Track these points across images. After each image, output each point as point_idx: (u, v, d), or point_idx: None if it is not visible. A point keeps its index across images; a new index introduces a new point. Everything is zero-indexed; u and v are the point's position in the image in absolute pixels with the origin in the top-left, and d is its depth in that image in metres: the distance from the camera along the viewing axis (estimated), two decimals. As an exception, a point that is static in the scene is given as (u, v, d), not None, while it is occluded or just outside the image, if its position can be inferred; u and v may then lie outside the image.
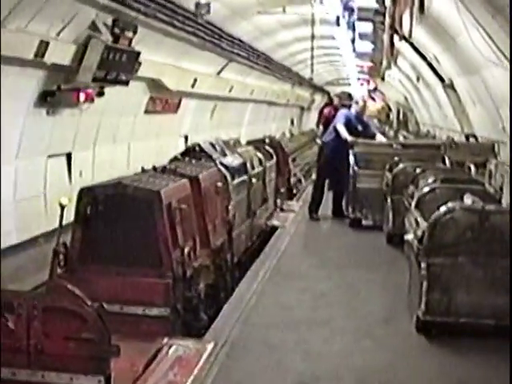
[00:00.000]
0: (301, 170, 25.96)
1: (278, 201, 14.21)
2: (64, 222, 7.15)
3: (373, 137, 13.58)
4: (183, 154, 10.25)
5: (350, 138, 12.67)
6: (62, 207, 6.72)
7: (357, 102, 14.08)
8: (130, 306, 6.84)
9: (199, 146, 10.31)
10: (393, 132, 31.88)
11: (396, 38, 15.37)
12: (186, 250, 7.22)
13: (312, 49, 23.47)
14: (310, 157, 30.22)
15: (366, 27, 18.20)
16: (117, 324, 5.43)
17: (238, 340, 6.74)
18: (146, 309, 6.87)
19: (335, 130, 13.12)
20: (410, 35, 13.01)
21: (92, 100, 13.59)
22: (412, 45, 17.45)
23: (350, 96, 14.81)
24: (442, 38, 14.37)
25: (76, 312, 4.94)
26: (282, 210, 14.14)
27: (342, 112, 13.40)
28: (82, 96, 12.95)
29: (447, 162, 11.74)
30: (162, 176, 7.97)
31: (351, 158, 12.40)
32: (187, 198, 7.80)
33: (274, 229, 12.55)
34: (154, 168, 8.45)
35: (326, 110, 15.58)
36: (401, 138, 23.55)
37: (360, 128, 13.27)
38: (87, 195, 7.10)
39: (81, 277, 6.58)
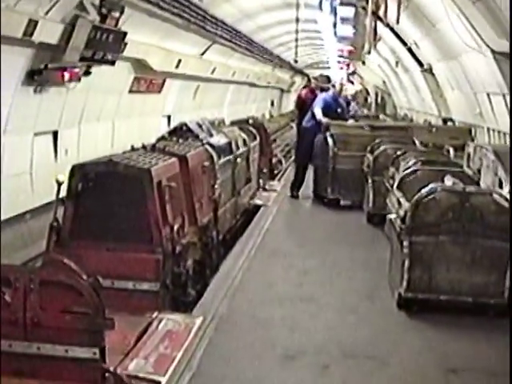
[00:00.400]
0: (281, 150, 25.99)
1: (261, 180, 14.26)
2: (52, 199, 7.16)
3: (345, 120, 13.77)
4: (170, 133, 10.24)
5: (324, 120, 12.86)
6: (59, 184, 6.71)
7: (334, 85, 14.13)
8: (121, 281, 6.86)
9: (186, 125, 10.30)
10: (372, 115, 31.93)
11: (380, 25, 15.39)
12: (176, 227, 7.24)
13: (297, 31, 23.40)
14: (289, 138, 30.24)
15: (347, 11, 18.17)
16: (108, 298, 5.42)
17: (225, 315, 6.80)
18: (136, 284, 6.89)
19: (313, 114, 13.26)
20: (398, 22, 13.01)
21: (79, 79, 13.50)
22: (392, 30, 17.51)
23: (328, 79, 14.91)
24: (423, 23, 14.44)
25: (72, 286, 4.95)
26: (264, 189, 14.19)
27: (321, 96, 13.55)
28: (67, 75, 12.82)
29: (417, 143, 11.83)
30: (152, 154, 7.96)
31: (329, 140, 12.48)
32: (176, 176, 7.81)
33: (257, 208, 12.61)
34: (144, 146, 8.44)
35: (302, 92, 15.62)
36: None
37: (339, 110, 13.46)
38: (79, 172, 7.09)
39: (72, 252, 6.56)
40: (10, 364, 4.96)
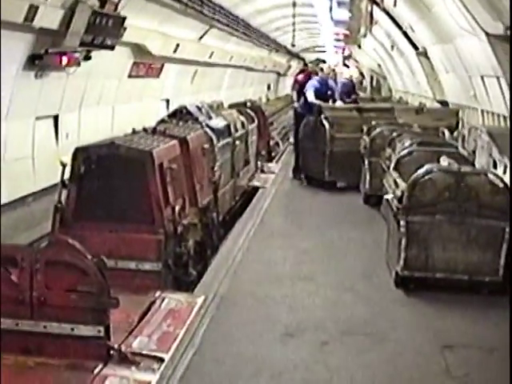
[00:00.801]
0: (278, 133, 25.97)
1: (259, 163, 14.28)
2: (54, 183, 7.17)
3: (334, 101, 13.78)
4: (170, 115, 10.25)
5: (314, 101, 13.01)
6: (63, 165, 6.73)
7: (322, 69, 14.13)
8: (124, 261, 6.91)
9: (186, 108, 10.30)
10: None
11: (376, 8, 15.36)
12: (177, 208, 7.28)
13: (294, 16, 23.32)
14: (286, 121, 30.20)
15: (343, -5, 18.16)
16: (111, 278, 5.46)
17: (226, 294, 6.85)
18: (139, 264, 6.94)
19: (305, 98, 13.34)
20: (395, 4, 12.95)
21: (78, 64, 13.44)
22: (388, 14, 17.45)
23: (324, 63, 15.05)
24: (418, 7, 14.38)
25: (77, 265, 5.00)
26: (262, 171, 14.21)
27: (311, 80, 13.67)
28: (65, 60, 12.68)
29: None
30: (153, 137, 7.98)
31: (325, 123, 12.44)
32: (177, 158, 7.84)
33: (256, 189, 12.64)
34: (145, 129, 8.45)
35: (300, 76, 15.57)
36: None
37: (329, 93, 13.60)
38: (82, 155, 7.10)
39: (76, 233, 6.58)
40: (18, 342, 5.02)
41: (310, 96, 13.12)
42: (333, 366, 5.36)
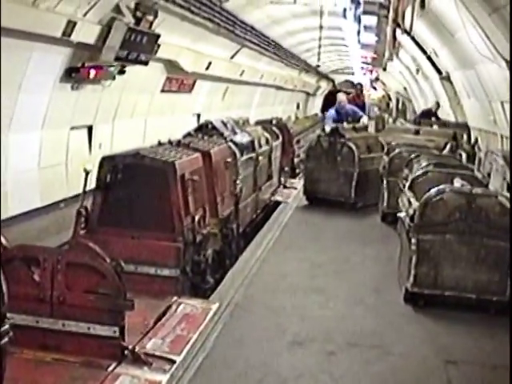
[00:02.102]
0: (304, 151, 25.95)
1: (282, 178, 14.32)
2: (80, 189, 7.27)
3: (359, 119, 13.88)
4: (196, 130, 10.34)
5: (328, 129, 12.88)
6: (87, 172, 6.83)
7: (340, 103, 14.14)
8: (144, 266, 6.98)
9: (211, 123, 10.40)
10: (391, 119, 31.82)
11: (398, 31, 15.37)
12: (197, 218, 7.35)
13: (320, 39, 23.38)
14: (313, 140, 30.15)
15: (370, 20, 18.15)
16: (131, 282, 5.54)
17: (240, 302, 6.89)
18: (158, 269, 7.01)
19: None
20: (411, 29, 13.02)
21: (111, 78, 13.60)
22: (413, 39, 17.43)
23: (352, 84, 15.20)
24: (442, 33, 14.36)
25: (96, 268, 5.08)
26: (285, 186, 14.25)
27: (330, 111, 14.13)
28: (93, 72, 12.78)
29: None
30: (177, 149, 8.07)
31: (352, 146, 12.25)
32: (199, 170, 7.91)
33: (277, 203, 12.68)
34: (170, 141, 8.55)
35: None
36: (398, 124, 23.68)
37: (349, 119, 13.68)
38: (108, 164, 7.22)
39: (99, 238, 6.69)
40: (37, 338, 5.10)
41: (328, 127, 13.00)
42: (337, 375, 5.37)
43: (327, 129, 12.93)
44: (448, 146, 12.19)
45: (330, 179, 12.26)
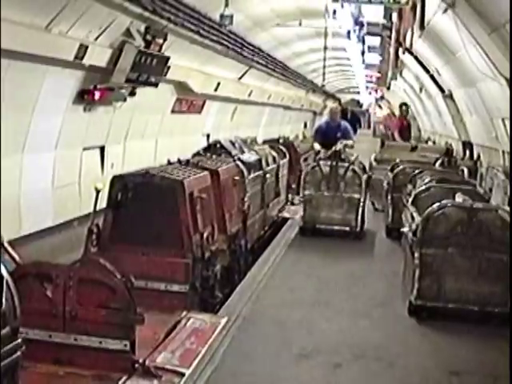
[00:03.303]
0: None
1: (290, 195, 14.35)
2: (98, 209, 7.32)
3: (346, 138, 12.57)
4: (205, 149, 10.41)
5: (317, 149, 12.46)
6: (98, 191, 6.89)
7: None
8: (154, 282, 7.01)
9: (219, 142, 10.47)
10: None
11: (400, 50, 15.45)
12: (205, 235, 7.38)
13: (324, 59, 23.50)
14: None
15: (374, 41, 18.26)
16: (141, 297, 5.58)
17: (248, 316, 6.91)
18: (167, 285, 7.03)
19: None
20: (411, 47, 13.10)
21: (124, 99, 13.72)
22: (416, 58, 17.50)
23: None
24: (444, 52, 14.43)
25: (106, 284, 5.12)
26: (292, 203, 14.28)
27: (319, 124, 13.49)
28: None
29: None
30: (186, 168, 8.12)
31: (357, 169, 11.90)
32: (207, 188, 7.96)
33: (285, 220, 12.70)
34: (179, 161, 8.61)
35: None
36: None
37: (339, 135, 12.42)
38: (118, 182, 7.28)
39: (111, 255, 6.71)
40: (50, 353, 5.13)
41: (317, 146, 12.39)
42: (343, 386, 5.38)
43: (316, 147, 12.29)
44: (439, 161, 12.25)
45: (333, 206, 11.05)
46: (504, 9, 8.02)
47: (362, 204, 10.93)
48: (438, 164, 12.16)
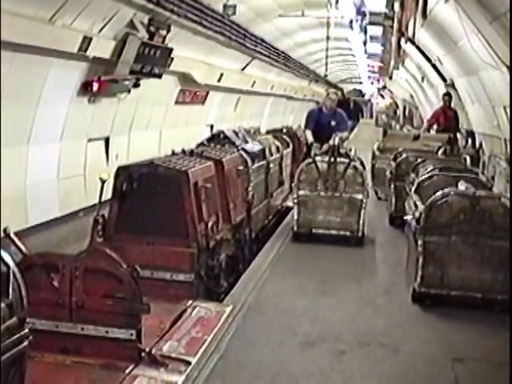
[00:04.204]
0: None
1: (293, 185, 14.30)
2: (103, 199, 7.31)
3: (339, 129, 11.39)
4: (209, 139, 10.40)
5: (310, 140, 11.41)
6: (103, 181, 6.88)
7: (318, 102, 13.44)
8: (160, 272, 7.01)
9: (223, 133, 10.45)
10: (399, 126, 31.84)
11: (402, 40, 15.38)
12: (210, 224, 7.36)
13: (327, 49, 23.45)
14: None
15: (376, 30, 18.19)
16: (147, 287, 5.57)
17: (253, 304, 6.90)
18: (173, 274, 7.03)
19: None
20: (414, 37, 13.03)
21: (130, 91, 13.70)
22: (418, 48, 17.42)
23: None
24: (445, 42, 14.35)
25: (113, 273, 5.10)
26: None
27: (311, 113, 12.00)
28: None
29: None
30: (190, 158, 8.10)
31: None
32: (212, 178, 7.94)
33: (289, 209, 12.66)
34: (183, 151, 8.59)
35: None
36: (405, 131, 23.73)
37: (333, 123, 11.44)
38: (123, 173, 7.26)
39: (116, 245, 6.72)
40: (57, 342, 5.13)
41: (308, 136, 11.44)
42: (348, 374, 5.36)
43: (308, 137, 11.32)
44: (441, 150, 12.19)
45: (331, 209, 9.70)
46: (505, -3, 7.98)
47: (364, 205, 9.61)
48: (440, 152, 12.07)
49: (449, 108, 13.47)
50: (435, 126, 14.60)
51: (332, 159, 9.63)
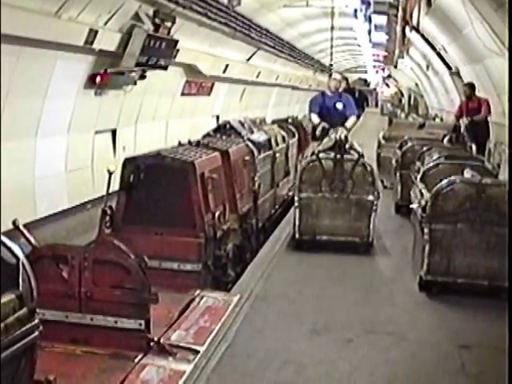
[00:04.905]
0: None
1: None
2: (111, 191, 7.33)
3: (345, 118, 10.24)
4: (215, 130, 10.39)
5: (316, 122, 10.11)
6: (110, 173, 6.89)
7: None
8: (167, 262, 7.04)
9: (229, 123, 10.43)
10: (404, 115, 31.74)
11: (407, 28, 15.31)
12: (217, 214, 7.38)
13: (331, 39, 23.38)
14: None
15: (381, 19, 18.09)
16: (155, 277, 5.57)
17: (260, 294, 6.90)
18: (180, 264, 7.06)
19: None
20: (418, 25, 12.96)
21: (136, 83, 13.70)
22: (423, 36, 17.35)
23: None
24: (450, 30, 14.29)
25: (121, 264, 5.11)
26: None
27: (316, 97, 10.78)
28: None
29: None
30: (196, 149, 8.11)
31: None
32: (218, 168, 7.95)
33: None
34: (190, 142, 8.60)
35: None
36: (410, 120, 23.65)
37: (339, 106, 10.31)
38: (130, 165, 7.28)
39: (124, 236, 6.74)
40: (67, 333, 5.15)
41: (313, 118, 10.19)
42: (355, 361, 5.37)
43: (314, 119, 10.07)
44: (447, 138, 12.11)
45: (337, 212, 8.59)
46: (510, -16, 7.93)
47: (375, 208, 8.50)
48: (445, 140, 12.01)
49: (470, 99, 12.93)
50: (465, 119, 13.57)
51: (338, 156, 8.51)
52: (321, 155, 8.57)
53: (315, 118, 10.13)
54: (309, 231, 8.52)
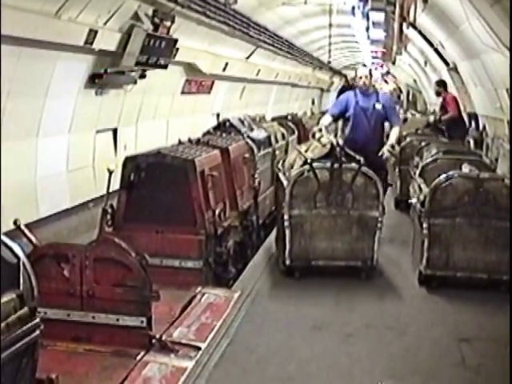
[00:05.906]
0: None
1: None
2: (112, 190, 7.30)
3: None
4: (215, 128, 10.37)
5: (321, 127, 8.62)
6: (110, 172, 6.87)
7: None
8: (169, 259, 7.02)
9: (229, 121, 10.41)
10: (403, 111, 31.67)
11: (404, 25, 15.27)
12: (217, 212, 7.36)
13: (330, 36, 23.31)
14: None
15: (378, 16, 18.01)
16: (157, 275, 5.55)
17: (261, 290, 6.90)
18: (182, 262, 7.04)
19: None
20: (415, 22, 12.93)
21: (136, 82, 13.66)
22: (420, 32, 17.29)
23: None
24: (447, 26, 14.23)
25: (122, 262, 5.09)
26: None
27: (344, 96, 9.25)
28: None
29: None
30: (196, 147, 8.09)
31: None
32: (218, 166, 7.93)
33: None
34: (190, 140, 8.58)
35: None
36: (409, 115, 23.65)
37: (378, 106, 8.76)
38: (131, 163, 7.26)
39: (125, 234, 6.72)
40: (69, 331, 5.14)
41: (323, 120, 8.84)
42: (356, 355, 5.36)
43: (323, 121, 8.66)
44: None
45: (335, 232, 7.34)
46: (506, -20, 7.89)
47: (379, 225, 7.30)
48: (424, 126, 12.10)
49: (439, 96, 13.00)
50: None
51: (336, 165, 7.22)
52: (315, 164, 7.24)
53: (325, 121, 8.75)
54: (302, 256, 7.23)
